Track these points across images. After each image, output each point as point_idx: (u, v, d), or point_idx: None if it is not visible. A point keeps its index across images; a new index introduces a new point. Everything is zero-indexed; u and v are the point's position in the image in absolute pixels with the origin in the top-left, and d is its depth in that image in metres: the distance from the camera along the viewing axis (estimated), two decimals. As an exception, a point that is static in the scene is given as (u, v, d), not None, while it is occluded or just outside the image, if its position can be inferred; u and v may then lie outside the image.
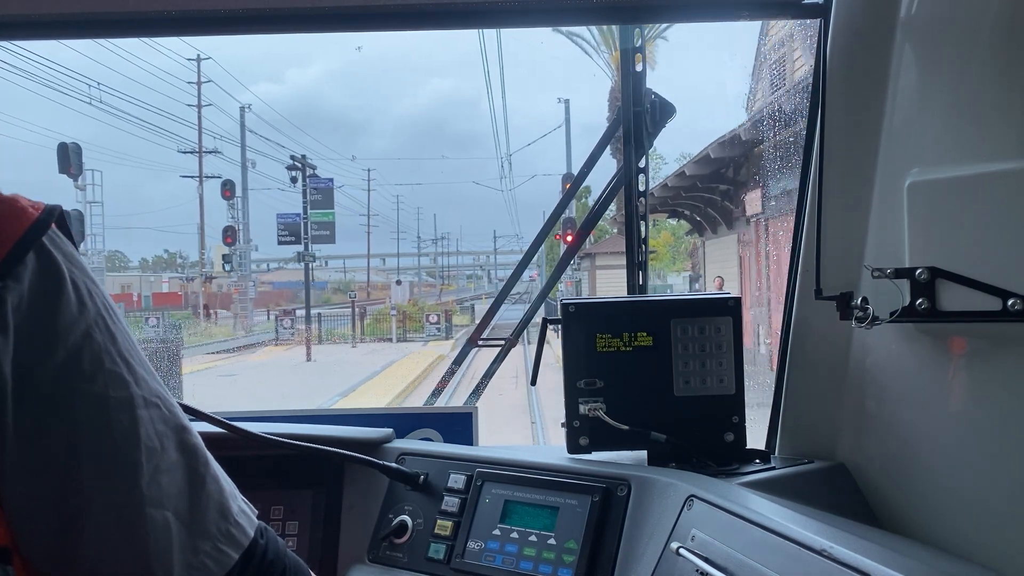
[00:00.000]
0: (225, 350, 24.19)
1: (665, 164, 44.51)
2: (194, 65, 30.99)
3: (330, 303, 45.50)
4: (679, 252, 40.74)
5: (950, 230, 1.23)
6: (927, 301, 1.23)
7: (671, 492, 1.34)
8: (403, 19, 1.63)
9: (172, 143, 30.75)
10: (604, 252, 28.28)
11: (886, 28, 1.35)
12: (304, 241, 30.42)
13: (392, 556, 1.58)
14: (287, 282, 54.68)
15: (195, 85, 31.22)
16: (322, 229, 30.45)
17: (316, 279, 55.26)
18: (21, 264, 0.75)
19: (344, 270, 57.08)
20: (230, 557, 0.83)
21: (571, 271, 24.85)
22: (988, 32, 1.21)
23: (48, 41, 6.63)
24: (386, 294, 43.50)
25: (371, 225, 46.09)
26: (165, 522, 0.79)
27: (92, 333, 0.78)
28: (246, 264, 29.90)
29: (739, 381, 1.54)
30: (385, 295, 43.44)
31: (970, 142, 1.24)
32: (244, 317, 30.20)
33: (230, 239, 28.29)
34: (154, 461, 0.79)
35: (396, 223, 51.13)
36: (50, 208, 0.81)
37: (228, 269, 29.12)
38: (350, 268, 54.25)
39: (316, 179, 30.73)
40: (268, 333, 28.83)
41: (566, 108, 27.01)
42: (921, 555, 1.16)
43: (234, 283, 30.90)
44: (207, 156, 32.06)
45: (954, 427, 1.30)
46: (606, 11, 1.69)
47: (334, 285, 53.98)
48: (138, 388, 0.80)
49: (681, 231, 40.58)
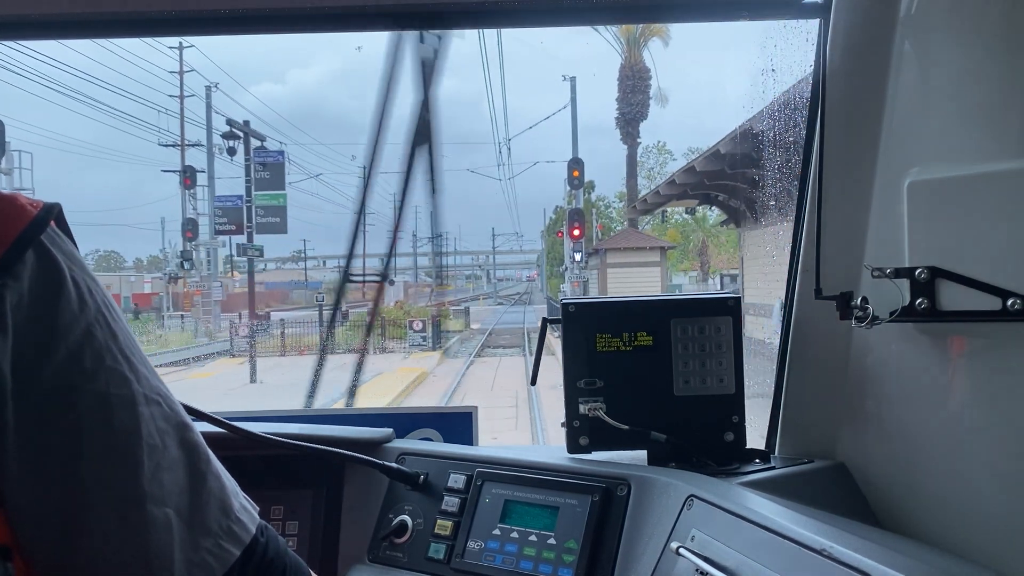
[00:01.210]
0: (172, 362, 19.98)
1: (673, 160, 43.01)
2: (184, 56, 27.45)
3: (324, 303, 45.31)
4: (687, 250, 39.52)
5: (950, 230, 1.23)
6: (927, 301, 1.23)
7: (671, 492, 1.34)
8: (404, 19, 1.63)
9: (155, 137, 27.71)
10: (617, 248, 26.30)
11: (886, 28, 1.35)
12: (247, 230, 24.15)
13: (392, 556, 1.58)
14: (282, 282, 54.02)
15: (178, 75, 27.70)
16: (270, 215, 23.98)
17: (312, 279, 54.71)
18: (20, 263, 0.75)
19: (339, 270, 56.51)
20: (231, 554, 0.83)
21: (578, 270, 23.50)
22: (988, 32, 1.21)
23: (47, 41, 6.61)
24: (381, 295, 42.96)
25: (368, 224, 45.63)
26: (166, 519, 0.79)
27: (93, 331, 0.78)
28: (214, 262, 25.61)
29: (739, 381, 1.54)
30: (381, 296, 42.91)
31: (970, 141, 1.24)
32: (208, 322, 25.99)
33: (190, 233, 24.17)
34: (155, 458, 0.79)
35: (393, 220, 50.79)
36: (48, 206, 0.81)
37: (188, 267, 24.71)
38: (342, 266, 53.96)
39: (264, 152, 24.14)
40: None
41: (572, 87, 24.22)
42: (921, 554, 1.16)
43: (197, 283, 26.45)
44: (195, 149, 27.34)
45: (954, 427, 1.30)
46: (606, 11, 1.69)
47: (328, 285, 53.66)
48: (139, 386, 0.80)
49: (691, 226, 39.79)
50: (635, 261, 25.01)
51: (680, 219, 38.46)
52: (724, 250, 37.71)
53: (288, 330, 24.26)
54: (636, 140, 35.64)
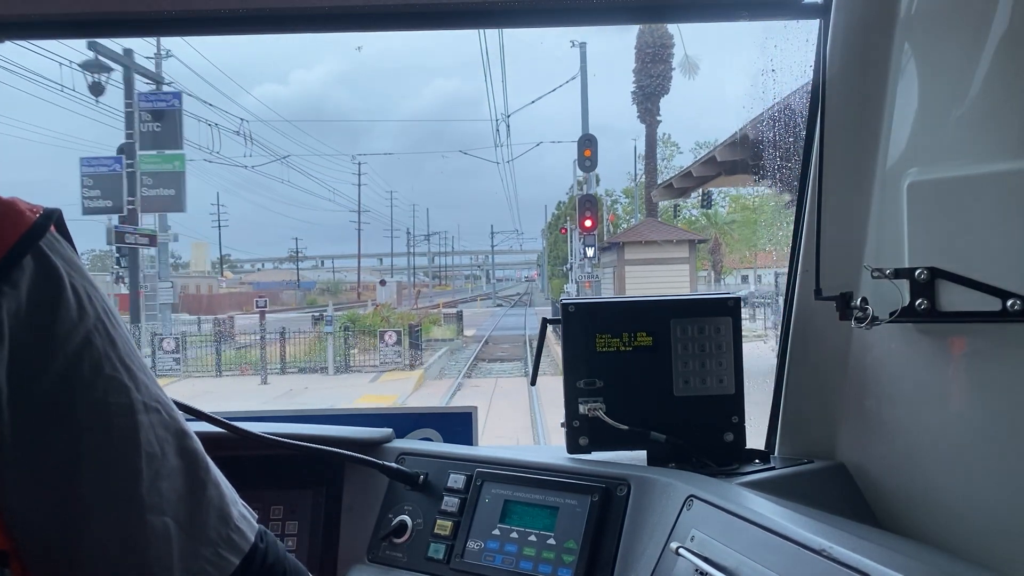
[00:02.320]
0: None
1: (680, 153, 41.08)
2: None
3: (315, 304, 42.63)
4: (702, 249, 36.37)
5: (950, 230, 1.23)
6: (927, 301, 1.23)
7: (671, 492, 1.34)
8: (405, 19, 1.63)
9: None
10: (636, 242, 21.89)
11: (886, 28, 1.35)
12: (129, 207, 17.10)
13: (392, 556, 1.58)
14: (274, 282, 52.74)
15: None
16: (162, 186, 17.05)
17: (305, 279, 53.63)
18: (18, 269, 0.75)
19: (333, 270, 54.48)
20: (230, 563, 0.83)
21: (590, 267, 20.29)
22: (988, 32, 1.21)
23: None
24: (375, 296, 40.38)
25: (363, 223, 44.21)
26: (165, 528, 0.79)
27: (92, 339, 0.78)
28: (164, 258, 20.05)
29: (739, 381, 1.55)
30: (374, 297, 40.29)
31: (970, 142, 1.24)
32: (153, 329, 20.24)
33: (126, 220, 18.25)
34: (154, 467, 0.79)
35: (389, 219, 48.69)
36: (48, 212, 0.80)
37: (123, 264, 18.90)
38: (344, 268, 51.72)
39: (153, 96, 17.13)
40: (192, 349, 18.85)
41: (582, 54, 21.68)
42: (921, 555, 1.16)
43: (141, 283, 20.39)
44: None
45: (954, 427, 1.30)
46: (606, 12, 1.69)
47: (323, 285, 51.69)
48: (138, 393, 0.80)
49: (699, 223, 38.03)
50: (659, 257, 21.09)
51: (688, 215, 37.03)
52: (736, 249, 36.54)
53: (248, 338, 19.95)
54: (656, 118, 31.81)
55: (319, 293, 50.36)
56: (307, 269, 52.29)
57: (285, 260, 55.06)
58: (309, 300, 45.95)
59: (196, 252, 47.58)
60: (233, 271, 54.43)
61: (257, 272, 52.00)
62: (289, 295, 49.50)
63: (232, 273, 52.37)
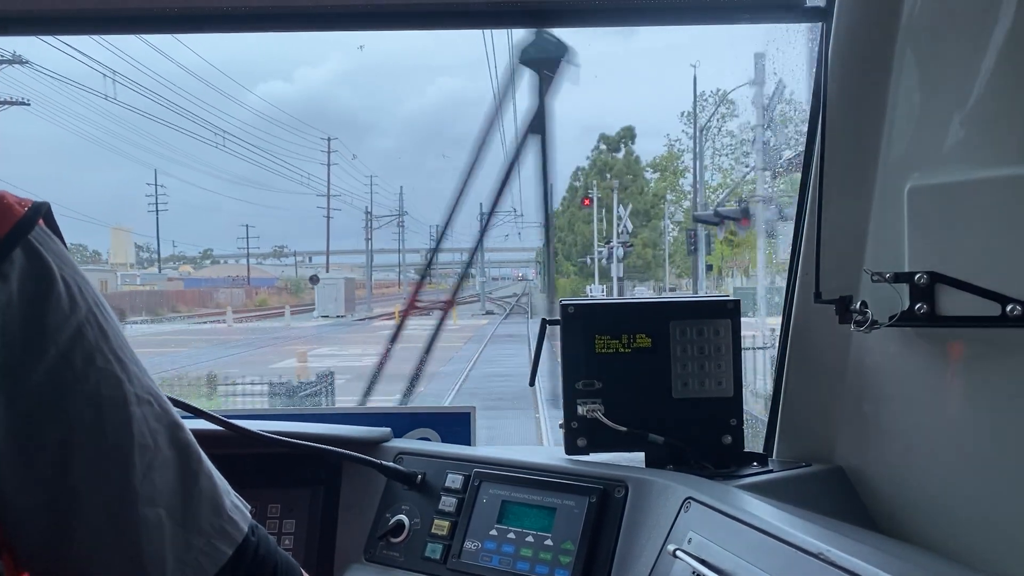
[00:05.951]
0: None
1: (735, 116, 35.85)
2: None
3: (265, 306, 34.11)
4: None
5: (950, 235, 1.23)
6: (926, 305, 1.23)
7: (668, 494, 1.34)
8: (406, 19, 1.63)
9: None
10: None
11: (887, 32, 1.35)
12: None
13: (389, 555, 1.58)
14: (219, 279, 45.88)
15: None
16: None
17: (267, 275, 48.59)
18: (8, 263, 0.74)
19: (301, 266, 49.48)
20: (223, 553, 0.83)
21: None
22: (989, 38, 1.21)
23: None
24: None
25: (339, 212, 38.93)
26: (158, 519, 0.79)
27: (83, 331, 0.78)
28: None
29: (737, 384, 1.54)
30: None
31: (971, 147, 1.24)
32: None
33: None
34: (147, 458, 0.79)
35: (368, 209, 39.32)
36: (37, 205, 0.80)
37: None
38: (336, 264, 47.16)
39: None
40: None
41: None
42: (918, 559, 1.16)
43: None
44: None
45: (952, 431, 1.30)
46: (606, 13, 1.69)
47: (285, 281, 42.94)
48: (131, 385, 0.80)
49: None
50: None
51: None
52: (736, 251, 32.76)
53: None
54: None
55: (274, 292, 40.64)
56: (288, 266, 49.52)
57: (269, 256, 51.98)
58: (259, 301, 37.70)
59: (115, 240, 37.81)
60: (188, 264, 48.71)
61: (208, 267, 48.19)
62: (228, 294, 38.25)
63: (190, 267, 47.88)
